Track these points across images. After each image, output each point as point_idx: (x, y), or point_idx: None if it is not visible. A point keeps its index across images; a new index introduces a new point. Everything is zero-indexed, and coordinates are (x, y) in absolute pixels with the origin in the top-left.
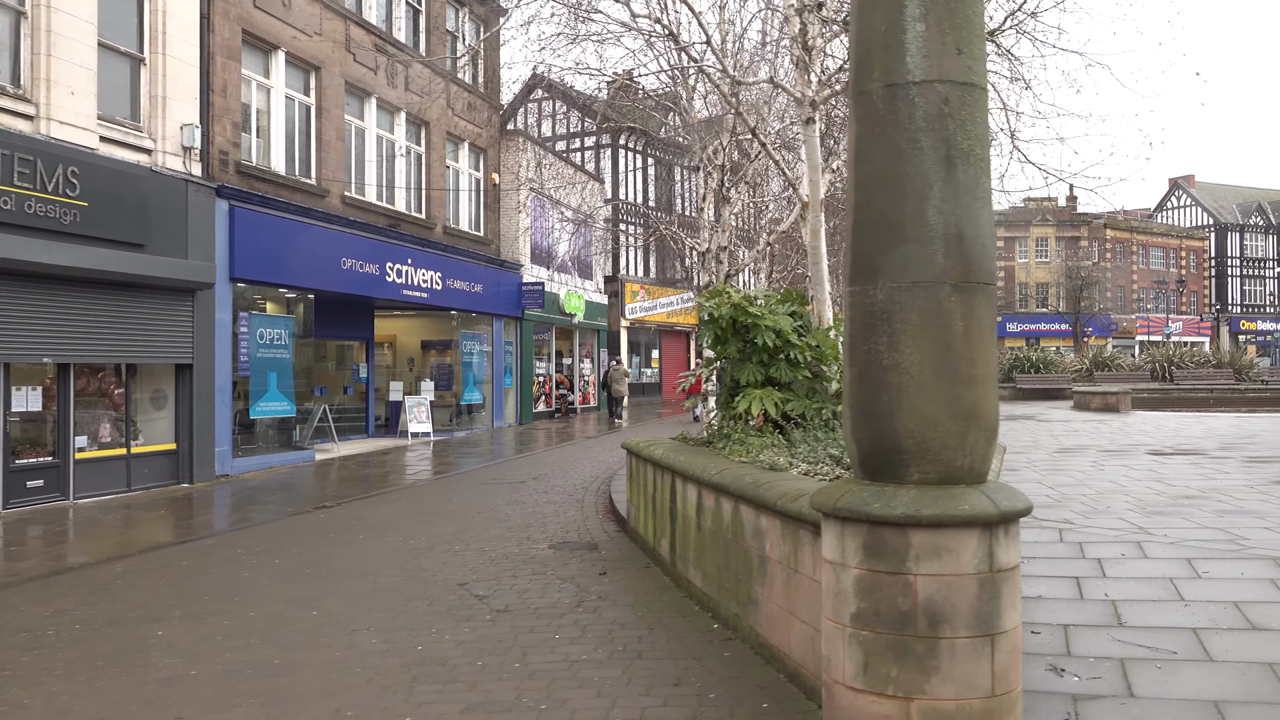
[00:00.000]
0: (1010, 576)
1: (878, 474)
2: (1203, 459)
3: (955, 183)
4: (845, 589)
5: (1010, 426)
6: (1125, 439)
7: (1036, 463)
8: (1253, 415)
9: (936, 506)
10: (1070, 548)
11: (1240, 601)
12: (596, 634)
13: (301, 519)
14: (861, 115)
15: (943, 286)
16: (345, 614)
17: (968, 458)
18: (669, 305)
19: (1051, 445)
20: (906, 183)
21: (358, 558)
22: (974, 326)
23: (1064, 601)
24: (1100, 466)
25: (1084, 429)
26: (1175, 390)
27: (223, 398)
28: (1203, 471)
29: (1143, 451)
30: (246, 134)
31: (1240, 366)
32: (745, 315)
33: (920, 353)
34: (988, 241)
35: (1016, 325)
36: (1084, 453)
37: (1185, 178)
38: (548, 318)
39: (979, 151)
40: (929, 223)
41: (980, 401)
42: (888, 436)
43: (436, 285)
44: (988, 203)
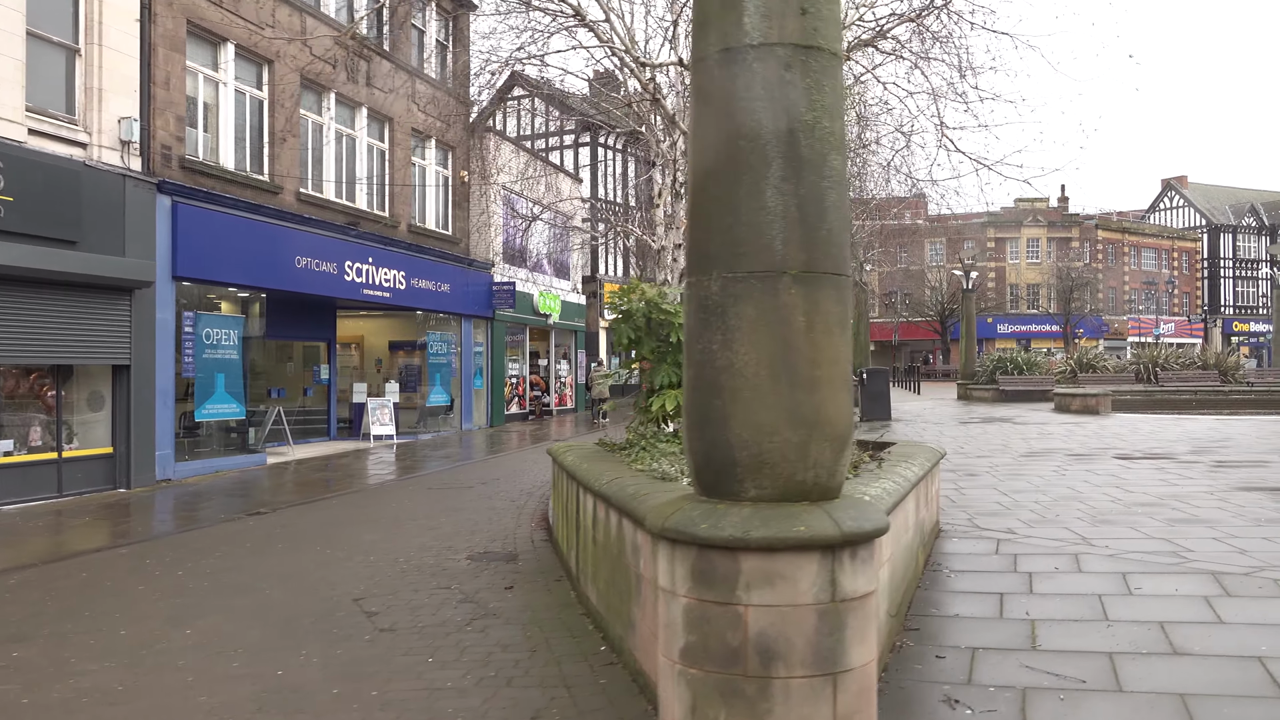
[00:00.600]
0: (859, 606)
1: (712, 489)
2: (1170, 464)
3: (798, 160)
4: (675, 620)
5: (984, 429)
6: (1097, 443)
7: (999, 467)
8: (1234, 418)
9: (769, 527)
10: (1004, 560)
11: (1167, 621)
12: (473, 657)
13: (228, 526)
14: (698, 86)
15: (782, 277)
16: (221, 633)
17: (811, 471)
18: None
19: (1020, 449)
20: (742, 159)
21: (265, 569)
22: (818, 322)
23: (981, 621)
24: (1062, 472)
25: (1058, 432)
26: (1159, 392)
27: (164, 400)
28: (1166, 477)
29: (1110, 456)
30: (192, 128)
31: (1226, 368)
32: (659, 313)
33: (756, 352)
34: (837, 226)
35: (1007, 327)
36: (1051, 457)
37: (1178, 178)
38: (521, 318)
39: (826, 124)
40: (766, 205)
41: (825, 407)
42: (721, 447)
43: (400, 285)
44: (838, 183)
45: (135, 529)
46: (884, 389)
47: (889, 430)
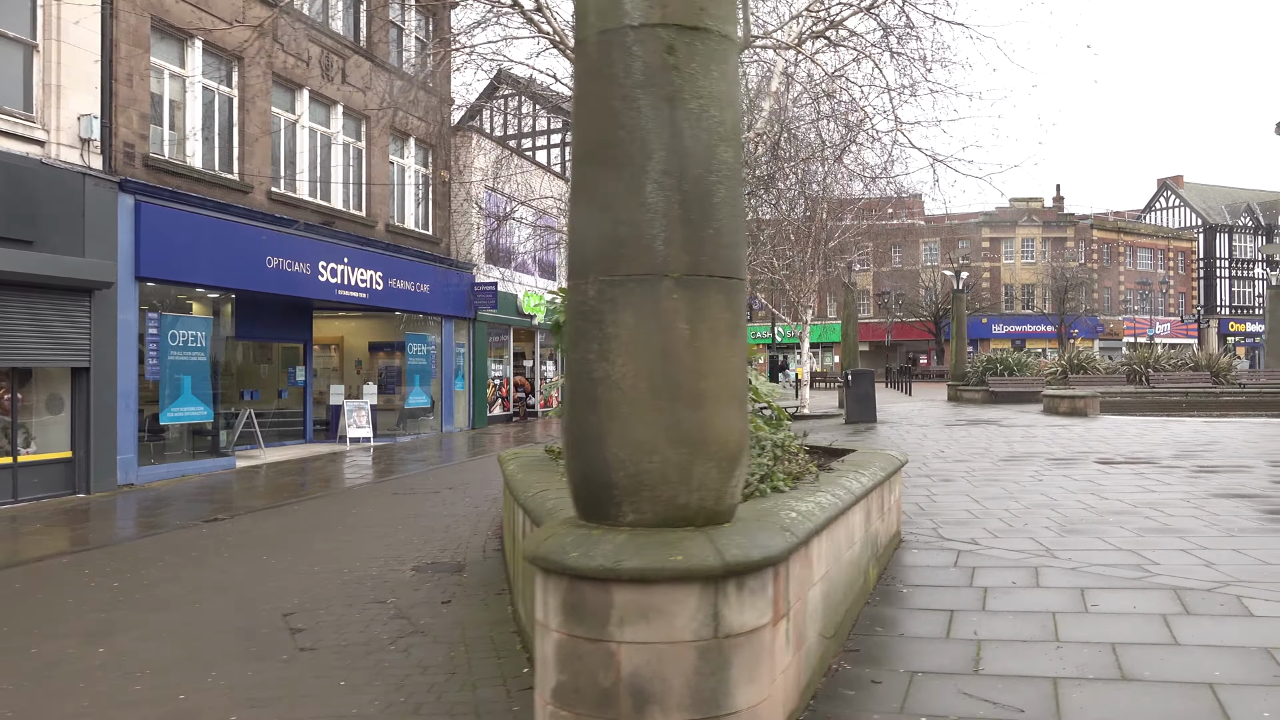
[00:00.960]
0: (747, 643)
1: (590, 513)
2: (1150, 469)
3: (682, 152)
4: (547, 657)
5: (968, 432)
6: (1080, 446)
7: (976, 473)
8: (1223, 420)
9: (642, 557)
10: (961, 574)
11: (1120, 643)
12: (389, 680)
13: (180, 534)
14: (579, 72)
15: (663, 281)
16: (135, 652)
17: (695, 493)
18: None
19: (1001, 453)
20: (621, 151)
21: (204, 580)
22: (704, 330)
23: (927, 642)
24: (1040, 477)
25: (1042, 435)
26: (1149, 393)
27: (126, 402)
28: (1144, 483)
29: (1091, 460)
30: (158, 126)
31: (1218, 369)
32: None
33: (635, 363)
34: (727, 225)
35: (1002, 327)
36: (1030, 461)
37: (1174, 178)
38: (504, 319)
39: (715, 114)
40: (646, 201)
41: (711, 423)
42: (597, 467)
43: (377, 285)
44: (729, 178)
45: (85, 536)
46: (869, 391)
47: (873, 433)
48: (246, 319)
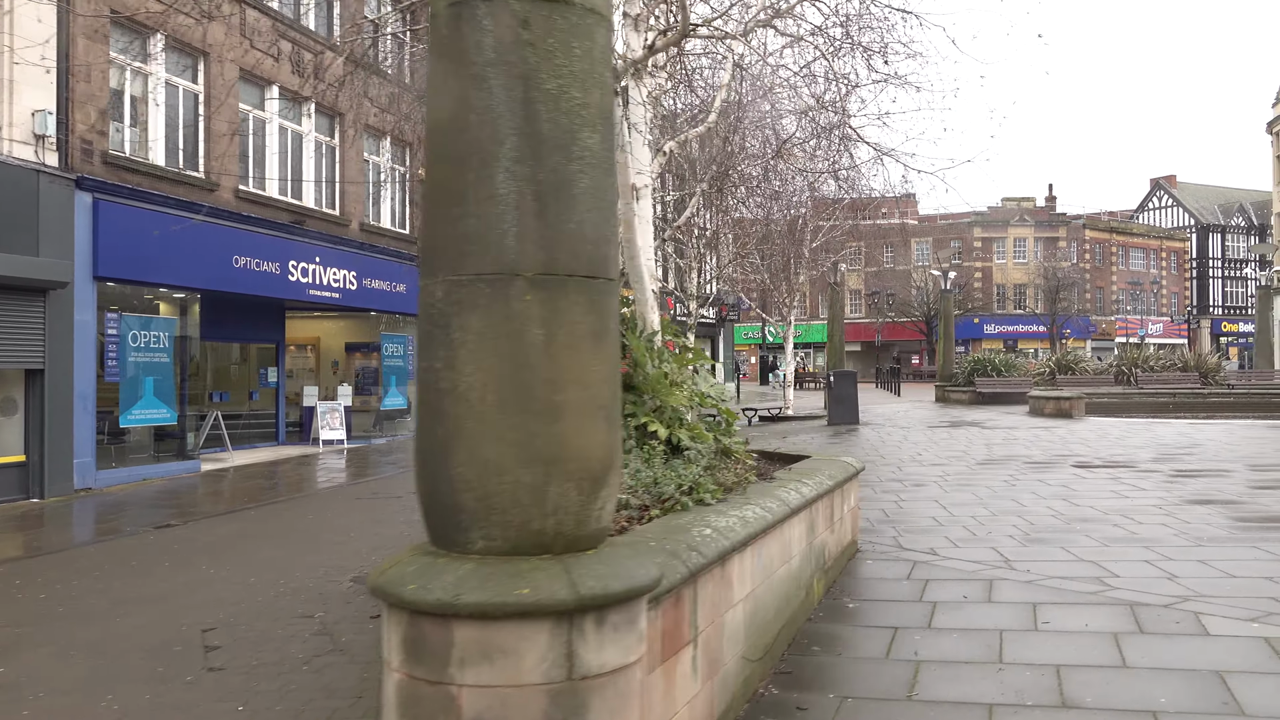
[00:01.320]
0: (609, 685)
1: (440, 539)
2: (1127, 473)
3: (538, 137)
4: (389, 699)
5: (950, 434)
6: (1060, 449)
7: (950, 477)
8: (1209, 421)
9: (484, 590)
10: (913, 587)
11: (1065, 664)
12: (291, 705)
13: (126, 541)
14: (430, 49)
15: (514, 281)
16: (38, 671)
17: (551, 518)
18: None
19: (979, 456)
20: (471, 137)
21: (136, 591)
22: (562, 336)
23: (863, 663)
24: (1013, 482)
25: (1024, 437)
26: (1137, 394)
27: (84, 405)
28: (1119, 488)
29: (1069, 464)
30: (119, 123)
31: (1206, 370)
32: None
33: (483, 372)
34: (592, 219)
35: (994, 327)
36: (1007, 465)
37: (1166, 178)
38: None
39: (577, 95)
40: (497, 191)
41: (570, 439)
42: (444, 489)
43: (351, 285)
44: (594, 166)
45: (28, 544)
46: (851, 392)
47: (854, 435)
48: (214, 319)
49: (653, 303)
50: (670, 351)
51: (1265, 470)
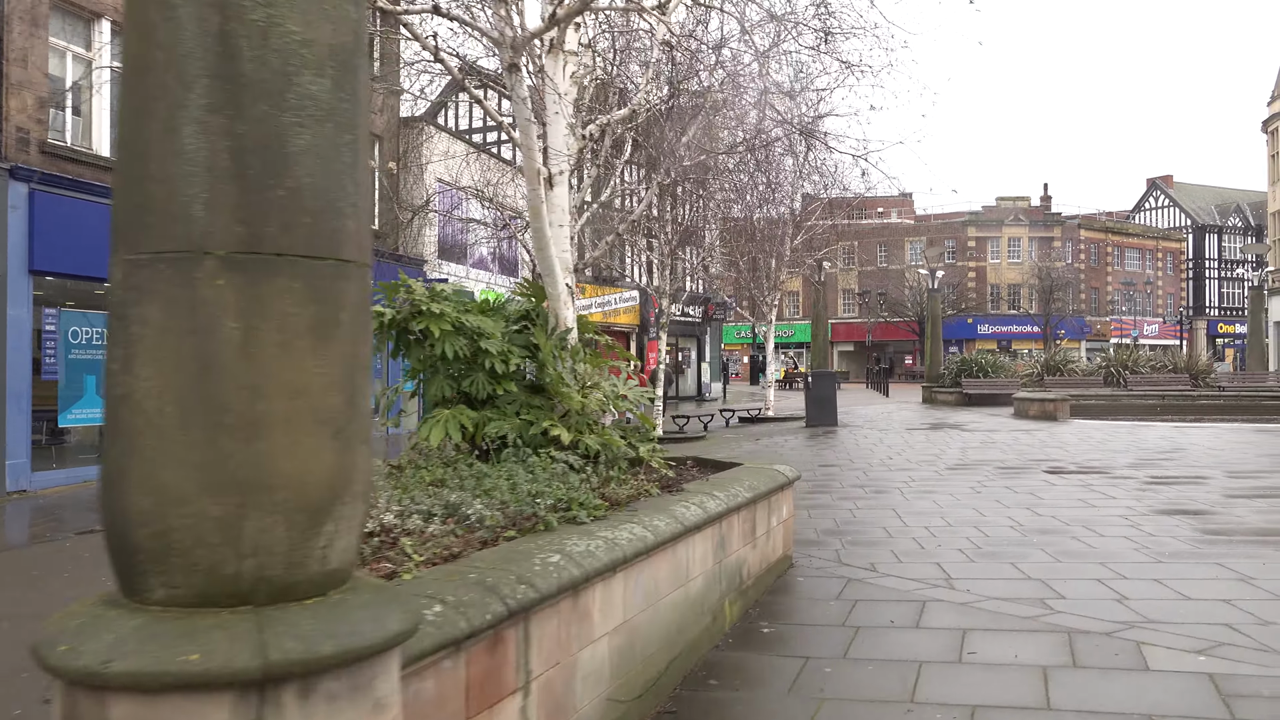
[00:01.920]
0: None
1: (123, 583)
2: (1100, 480)
3: (238, 81)
4: None
5: (927, 437)
6: (1037, 453)
7: (915, 483)
8: (1196, 425)
9: (142, 655)
10: (840, 609)
11: (983, 705)
12: None
13: (39, 549)
14: None
15: (203, 260)
16: None
17: (251, 559)
18: (605, 304)
19: (952, 460)
20: (156, 79)
21: (9, 608)
22: (268, 331)
23: (761, 700)
24: (979, 489)
25: (1002, 440)
26: (1125, 396)
27: (17, 403)
28: (1088, 496)
29: (1042, 469)
30: (59, 111)
31: (1197, 371)
32: (420, 318)
33: (162, 376)
34: (312, 185)
35: (988, 327)
36: (978, 470)
37: (1163, 178)
38: None
39: (295, 30)
40: (184, 148)
41: (279, 462)
42: (119, 521)
43: None
44: (324, 121)
45: None
46: (829, 394)
47: (831, 437)
48: None
49: (566, 298)
50: (592, 351)
51: (1243, 478)
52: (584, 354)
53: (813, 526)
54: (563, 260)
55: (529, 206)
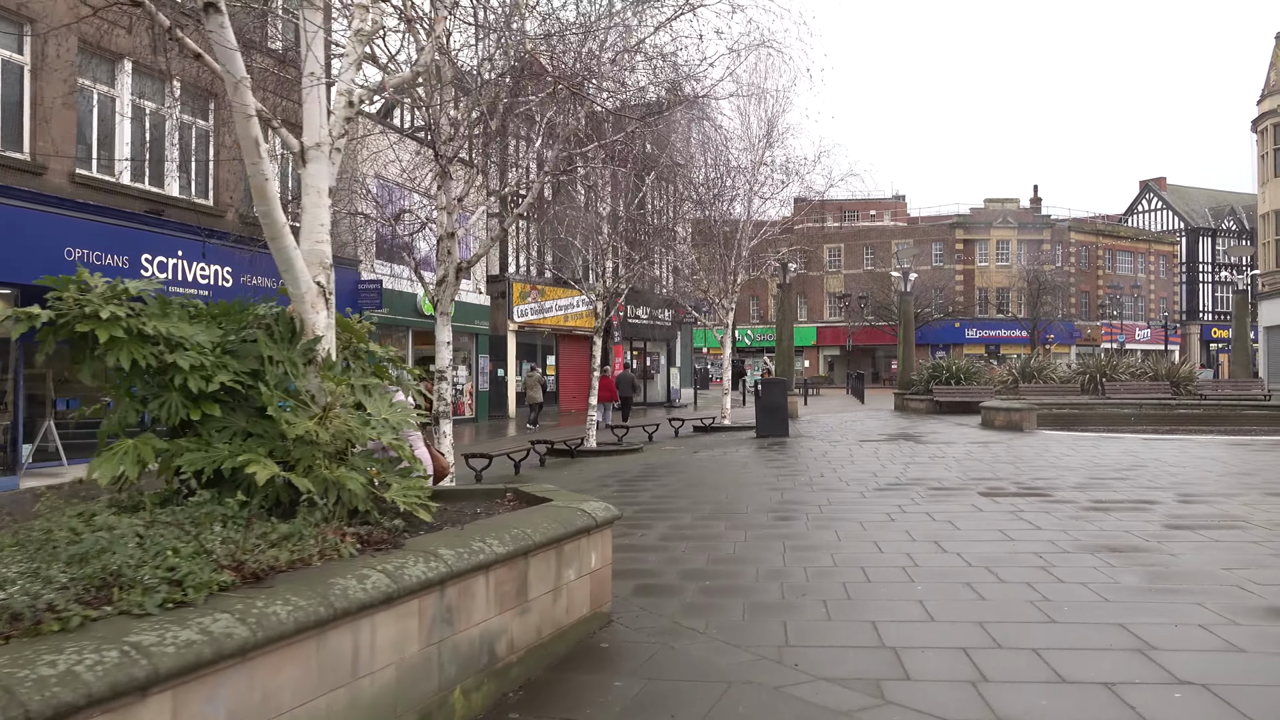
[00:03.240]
0: None
1: None
2: (1035, 504)
3: None
4: None
5: (877, 450)
6: (984, 470)
7: (830, 507)
8: (1167, 437)
9: None
10: (626, 691)
11: None
12: None
13: None
14: None
15: None
16: None
17: None
18: (566, 307)
19: (888, 479)
20: None
21: None
22: None
23: None
24: (895, 516)
25: (954, 455)
26: (1100, 405)
27: None
28: (1012, 526)
29: (978, 491)
30: None
31: (1178, 379)
32: (87, 321)
33: None
34: None
35: (975, 331)
36: (909, 491)
37: (1156, 180)
38: (398, 320)
39: None
40: None
41: None
42: None
43: (225, 282)
44: None
45: None
46: (780, 402)
47: (780, 449)
48: None
49: (315, 299)
50: (375, 365)
51: (1195, 501)
52: (354, 368)
53: (680, 566)
54: (314, 253)
55: (251, 184)
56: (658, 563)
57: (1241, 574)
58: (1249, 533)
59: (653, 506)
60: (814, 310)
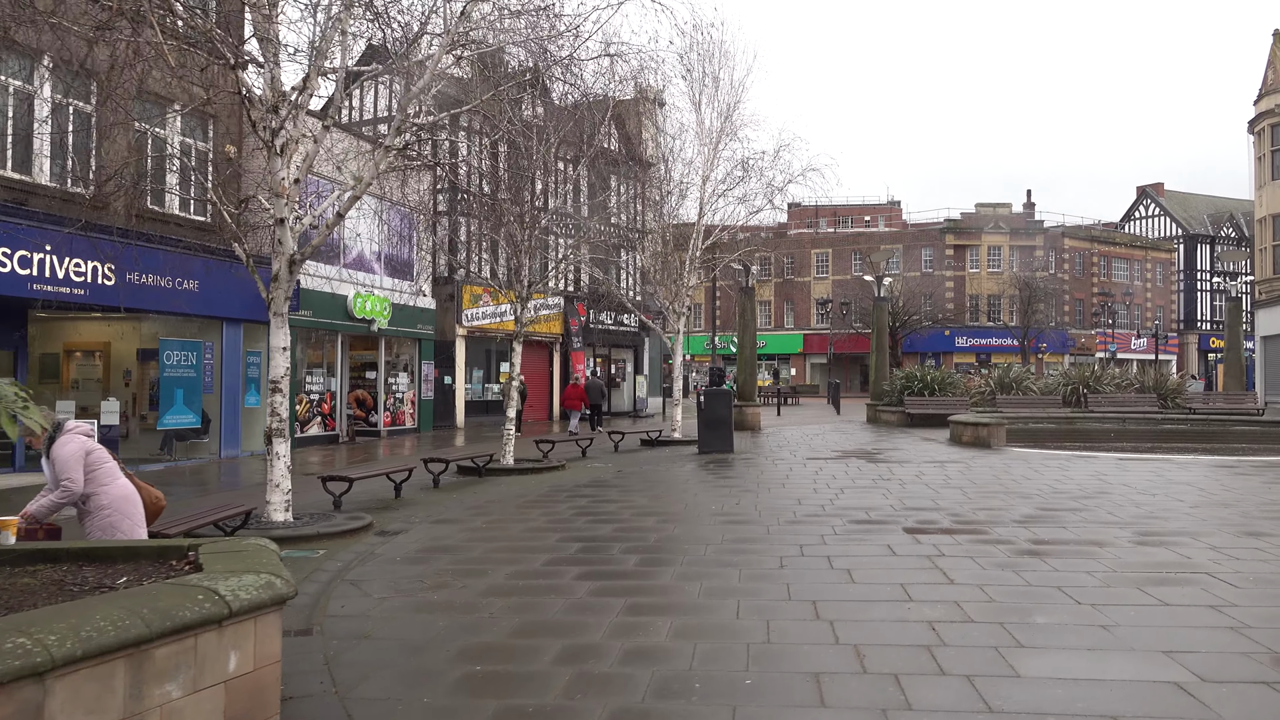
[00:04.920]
0: None
1: None
2: (963, 546)
3: None
4: None
5: (819, 471)
6: (925, 499)
7: (722, 546)
8: (1144, 457)
9: None
10: None
11: None
12: None
13: None
14: None
15: None
16: None
17: None
18: None
19: (809, 509)
20: None
21: None
22: None
23: None
24: (793, 559)
25: (902, 477)
26: (1081, 419)
27: None
28: (916, 580)
29: (905, 525)
30: None
31: (1166, 391)
32: None
33: None
34: None
35: (965, 339)
36: (824, 524)
37: (1154, 186)
38: (325, 323)
39: None
40: None
41: None
42: None
43: (106, 280)
44: None
45: None
46: (724, 415)
47: (718, 469)
48: None
49: None
50: None
51: (1153, 543)
52: None
53: (467, 640)
54: None
55: None
56: (442, 633)
57: (1188, 661)
58: (1211, 590)
59: (514, 544)
60: (800, 317)
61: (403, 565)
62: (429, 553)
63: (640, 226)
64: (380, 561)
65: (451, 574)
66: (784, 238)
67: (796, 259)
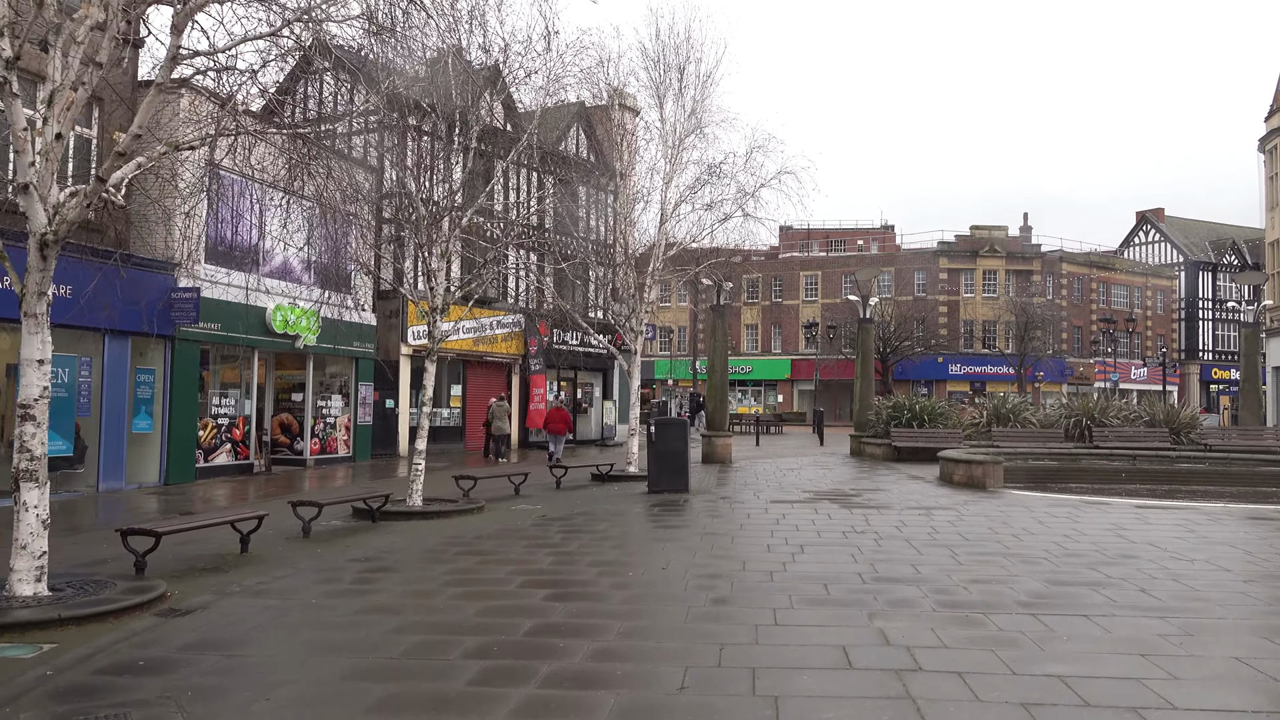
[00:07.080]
0: None
1: None
2: (958, 645)
3: None
4: None
5: (783, 517)
6: (904, 560)
7: (596, 655)
8: (1169, 504)
9: None
10: None
11: None
12: None
13: None
14: None
15: None
16: None
17: None
18: (478, 329)
19: (756, 576)
20: None
21: None
22: None
23: None
24: (699, 673)
25: (879, 528)
26: (1086, 456)
27: None
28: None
29: (871, 609)
30: None
31: (1179, 425)
32: None
33: None
34: None
35: (959, 367)
36: (767, 605)
37: (1154, 211)
38: (238, 338)
39: None
40: None
41: None
42: None
43: None
44: None
45: None
46: (679, 448)
47: (662, 514)
48: None
49: None
50: None
51: (1213, 644)
52: None
53: None
54: None
55: None
56: None
57: None
58: None
59: (328, 634)
60: (788, 341)
61: (135, 676)
62: (194, 651)
63: (599, 237)
64: (116, 661)
65: (192, 694)
66: (773, 260)
67: (785, 282)
